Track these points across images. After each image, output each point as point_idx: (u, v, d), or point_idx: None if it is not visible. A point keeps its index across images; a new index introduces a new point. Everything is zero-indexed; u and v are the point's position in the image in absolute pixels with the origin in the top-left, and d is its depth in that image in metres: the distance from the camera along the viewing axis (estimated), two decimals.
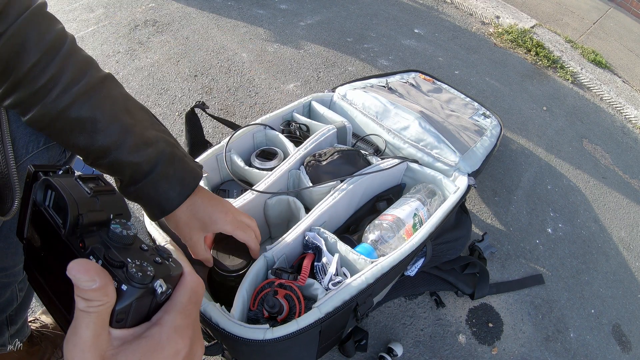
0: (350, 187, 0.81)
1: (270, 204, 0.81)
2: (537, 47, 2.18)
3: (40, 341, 0.77)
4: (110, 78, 0.47)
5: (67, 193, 0.28)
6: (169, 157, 0.50)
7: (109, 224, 0.29)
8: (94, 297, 0.24)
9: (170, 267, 0.30)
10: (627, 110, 1.98)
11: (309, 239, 0.73)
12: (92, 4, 1.79)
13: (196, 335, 0.30)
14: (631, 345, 1.13)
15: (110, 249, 0.27)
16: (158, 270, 0.28)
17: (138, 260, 0.27)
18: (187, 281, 0.31)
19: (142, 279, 0.26)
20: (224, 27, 1.79)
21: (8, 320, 0.64)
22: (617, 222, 1.45)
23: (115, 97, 0.47)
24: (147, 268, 0.27)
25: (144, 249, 0.29)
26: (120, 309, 0.26)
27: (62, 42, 0.43)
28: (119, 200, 0.32)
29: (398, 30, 2.07)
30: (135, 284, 0.26)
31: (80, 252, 0.27)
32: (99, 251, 0.27)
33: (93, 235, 0.28)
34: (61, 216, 0.28)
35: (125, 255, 0.27)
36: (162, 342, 0.27)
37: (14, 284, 0.61)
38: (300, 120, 1.01)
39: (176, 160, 0.51)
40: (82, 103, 0.43)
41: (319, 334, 0.62)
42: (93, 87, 0.44)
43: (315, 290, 0.66)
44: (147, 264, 0.27)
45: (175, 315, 0.29)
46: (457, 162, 0.99)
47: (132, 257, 0.27)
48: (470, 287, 1.07)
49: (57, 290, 0.30)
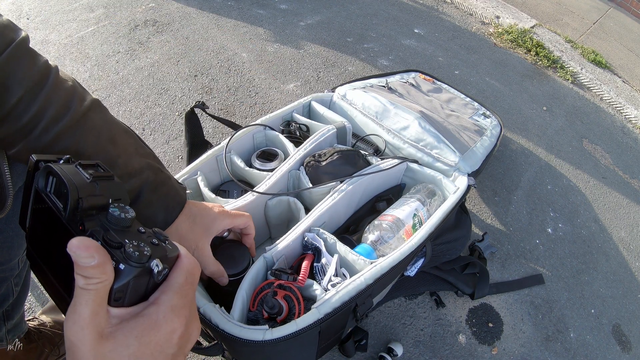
0: (349, 188, 0.81)
1: (270, 204, 0.81)
2: (537, 47, 2.18)
3: (38, 339, 0.77)
4: (94, 106, 0.47)
5: (67, 178, 0.29)
6: (152, 186, 0.51)
7: (108, 208, 0.29)
8: (92, 274, 0.25)
9: (166, 249, 0.30)
10: (627, 110, 1.98)
11: (308, 240, 0.73)
12: (92, 4, 1.79)
13: (192, 315, 0.31)
14: (631, 345, 1.13)
15: (109, 231, 0.28)
16: (155, 251, 0.29)
17: (135, 241, 0.28)
18: (183, 262, 0.31)
19: (139, 258, 0.27)
20: (224, 27, 1.79)
21: (4, 315, 0.64)
22: (617, 222, 1.45)
23: (100, 127, 0.47)
24: (144, 248, 0.28)
25: (141, 232, 0.30)
26: (118, 288, 0.27)
27: (45, 77, 0.43)
28: (117, 185, 0.33)
29: (398, 30, 2.07)
30: (133, 262, 0.27)
31: (80, 234, 0.28)
32: (97, 233, 0.27)
33: (92, 219, 0.29)
34: (62, 201, 0.29)
35: (123, 237, 0.28)
36: (158, 321, 0.28)
37: (9, 278, 0.61)
38: (300, 120, 1.01)
39: (159, 186, 0.51)
40: (67, 138, 0.44)
41: (318, 334, 0.62)
42: (77, 120, 0.44)
43: (315, 291, 0.66)
44: (144, 245, 0.28)
45: (172, 295, 0.29)
46: (457, 162, 0.99)
47: (130, 238, 0.28)
48: (470, 287, 1.07)
49: (58, 274, 0.30)
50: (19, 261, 0.61)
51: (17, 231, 0.56)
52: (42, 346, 0.77)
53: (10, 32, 0.41)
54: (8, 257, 0.57)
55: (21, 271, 0.64)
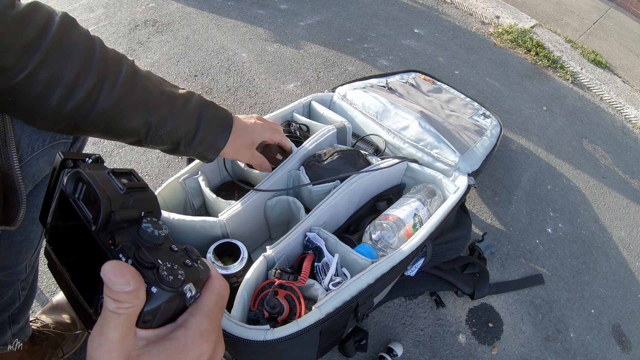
0: (350, 187, 0.81)
1: (270, 204, 0.81)
2: (537, 47, 2.18)
3: (41, 341, 0.77)
4: (133, 63, 0.53)
5: (99, 188, 0.27)
6: (206, 103, 0.59)
7: (141, 222, 0.28)
8: (125, 299, 0.24)
9: (199, 271, 0.29)
10: (627, 110, 1.98)
11: (309, 239, 0.73)
12: (92, 4, 1.79)
13: (219, 339, 0.31)
14: (631, 345, 1.13)
15: (141, 248, 0.27)
16: (188, 274, 0.27)
17: (169, 263, 0.27)
18: (214, 285, 0.31)
19: (173, 282, 0.26)
20: (224, 27, 1.79)
21: (10, 319, 0.64)
22: (617, 222, 1.45)
23: (148, 75, 0.53)
24: (178, 271, 0.27)
25: (173, 250, 0.29)
26: (149, 311, 0.26)
27: (94, 45, 0.47)
28: (151, 197, 0.31)
29: (398, 30, 2.07)
30: (166, 287, 0.25)
31: (109, 249, 0.26)
32: (129, 250, 0.26)
33: (123, 232, 0.27)
34: (92, 211, 0.28)
35: (155, 256, 0.27)
36: (186, 345, 0.27)
37: (16, 282, 0.61)
38: (300, 120, 1.01)
39: (210, 105, 0.60)
40: (130, 91, 0.49)
41: (319, 334, 0.62)
42: (132, 75, 0.50)
43: (316, 291, 0.66)
44: (178, 267, 0.27)
45: (201, 319, 0.29)
46: (457, 162, 0.99)
47: (163, 258, 0.27)
48: (470, 287, 1.07)
49: (79, 280, 0.29)
50: (26, 265, 0.61)
51: (25, 236, 0.56)
52: (45, 348, 0.77)
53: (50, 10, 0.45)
54: (15, 262, 0.57)
55: (28, 275, 0.64)
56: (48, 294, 0.92)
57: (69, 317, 0.83)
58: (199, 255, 0.31)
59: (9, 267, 0.57)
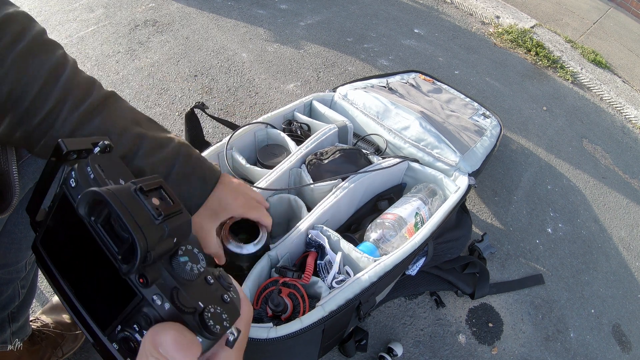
0: (351, 186, 0.81)
1: (271, 202, 0.81)
2: (537, 47, 2.19)
3: (41, 341, 0.77)
4: (114, 95, 0.47)
5: (131, 222, 0.21)
6: (186, 156, 0.50)
7: (176, 253, 0.24)
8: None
9: (236, 304, 0.26)
10: (627, 110, 1.98)
11: (312, 237, 0.73)
12: (92, 4, 1.79)
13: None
14: (631, 345, 1.13)
15: (178, 288, 0.23)
16: (231, 316, 0.25)
17: (212, 306, 0.24)
18: (244, 313, 0.29)
19: (220, 332, 0.23)
20: (224, 27, 1.79)
21: (10, 317, 0.64)
22: (617, 222, 1.45)
23: (123, 110, 0.47)
24: (222, 316, 0.24)
25: (209, 282, 0.25)
26: None
27: (62, 67, 0.42)
28: (186, 221, 0.25)
29: (398, 30, 2.08)
30: (212, 337, 0.23)
31: (138, 287, 0.23)
32: (164, 289, 0.22)
33: (154, 266, 0.23)
34: (117, 244, 0.23)
35: (195, 296, 0.23)
36: None
37: (16, 280, 0.61)
38: (301, 119, 1.01)
39: (193, 158, 0.51)
40: (91, 120, 0.43)
41: (322, 332, 0.62)
42: (99, 103, 0.44)
43: (319, 289, 0.66)
44: (221, 310, 0.24)
45: (231, 353, 0.27)
46: (457, 162, 0.99)
47: (203, 298, 0.24)
48: (470, 287, 1.07)
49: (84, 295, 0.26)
50: (25, 264, 0.61)
51: (25, 233, 0.55)
52: (45, 348, 0.77)
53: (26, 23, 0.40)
54: (15, 259, 0.57)
55: (28, 274, 0.64)
56: (48, 293, 0.92)
57: (69, 317, 0.83)
58: (231, 281, 0.27)
59: (8, 265, 0.57)
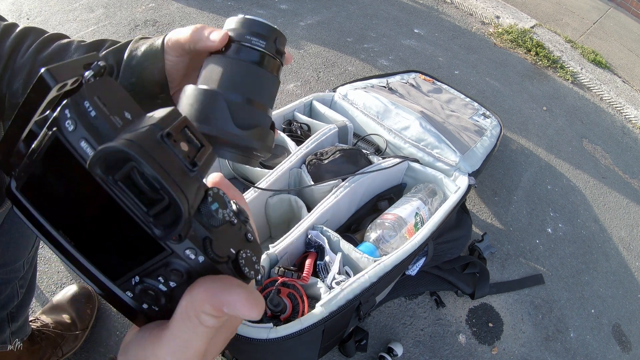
0: (352, 186, 0.81)
1: (271, 202, 0.81)
2: (537, 47, 2.19)
3: (41, 340, 0.77)
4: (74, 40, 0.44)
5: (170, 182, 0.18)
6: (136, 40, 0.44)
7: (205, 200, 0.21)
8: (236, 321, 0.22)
9: (257, 240, 0.25)
10: (627, 110, 1.98)
11: (312, 238, 0.73)
12: (92, 4, 1.79)
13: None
14: (631, 345, 1.13)
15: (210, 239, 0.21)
16: (257, 254, 0.23)
17: (243, 252, 0.22)
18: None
19: (253, 275, 0.22)
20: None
21: (9, 317, 0.64)
22: (617, 222, 1.45)
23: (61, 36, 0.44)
24: (253, 259, 0.23)
25: (233, 223, 0.23)
26: None
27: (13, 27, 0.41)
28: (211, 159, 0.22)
29: (398, 30, 2.07)
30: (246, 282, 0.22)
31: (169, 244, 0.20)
32: (195, 242, 0.20)
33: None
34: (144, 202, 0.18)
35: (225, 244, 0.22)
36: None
37: (14, 280, 0.61)
38: (301, 119, 1.01)
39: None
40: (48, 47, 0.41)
41: (322, 333, 0.62)
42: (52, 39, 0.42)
43: (319, 289, 0.66)
44: (250, 253, 0.23)
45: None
46: (457, 162, 0.99)
47: (232, 243, 0.22)
48: (470, 286, 1.07)
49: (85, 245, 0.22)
50: (24, 263, 0.61)
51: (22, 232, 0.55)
52: (45, 348, 0.77)
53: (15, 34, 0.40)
54: (14, 258, 0.57)
55: (26, 273, 0.64)
56: (48, 294, 0.92)
57: (69, 317, 0.83)
58: (247, 216, 0.25)
59: (6, 265, 0.57)
